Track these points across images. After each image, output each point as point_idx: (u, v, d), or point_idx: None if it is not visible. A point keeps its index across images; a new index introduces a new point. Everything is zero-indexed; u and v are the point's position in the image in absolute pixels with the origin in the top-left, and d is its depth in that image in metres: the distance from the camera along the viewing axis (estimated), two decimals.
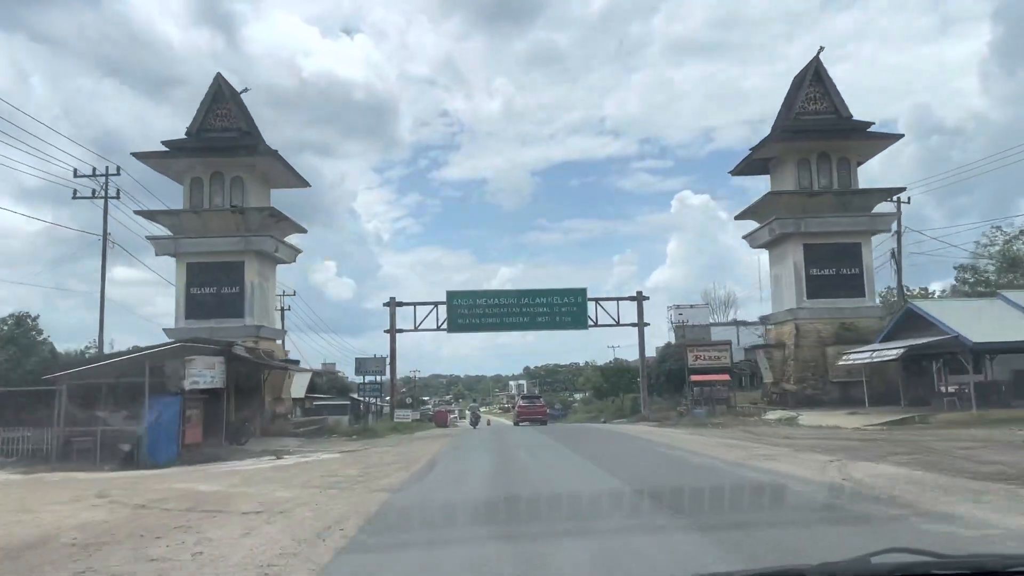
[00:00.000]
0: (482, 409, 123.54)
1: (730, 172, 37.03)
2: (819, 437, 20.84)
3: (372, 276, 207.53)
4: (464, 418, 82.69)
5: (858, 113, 33.03)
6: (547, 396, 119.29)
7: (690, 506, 8.27)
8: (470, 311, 43.26)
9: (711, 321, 75.48)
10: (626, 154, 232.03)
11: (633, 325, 44.42)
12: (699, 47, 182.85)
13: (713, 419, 29.52)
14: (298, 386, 45.03)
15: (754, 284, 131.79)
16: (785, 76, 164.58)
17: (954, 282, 44.83)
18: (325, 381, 62.25)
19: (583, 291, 44.00)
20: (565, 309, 43.34)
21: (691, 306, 77.47)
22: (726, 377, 34.09)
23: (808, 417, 27.17)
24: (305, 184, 36.08)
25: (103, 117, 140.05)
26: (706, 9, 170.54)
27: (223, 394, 24.59)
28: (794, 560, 4.88)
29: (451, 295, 43.46)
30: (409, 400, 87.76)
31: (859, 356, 27.46)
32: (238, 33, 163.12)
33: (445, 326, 43.25)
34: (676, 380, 58.65)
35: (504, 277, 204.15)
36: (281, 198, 35.33)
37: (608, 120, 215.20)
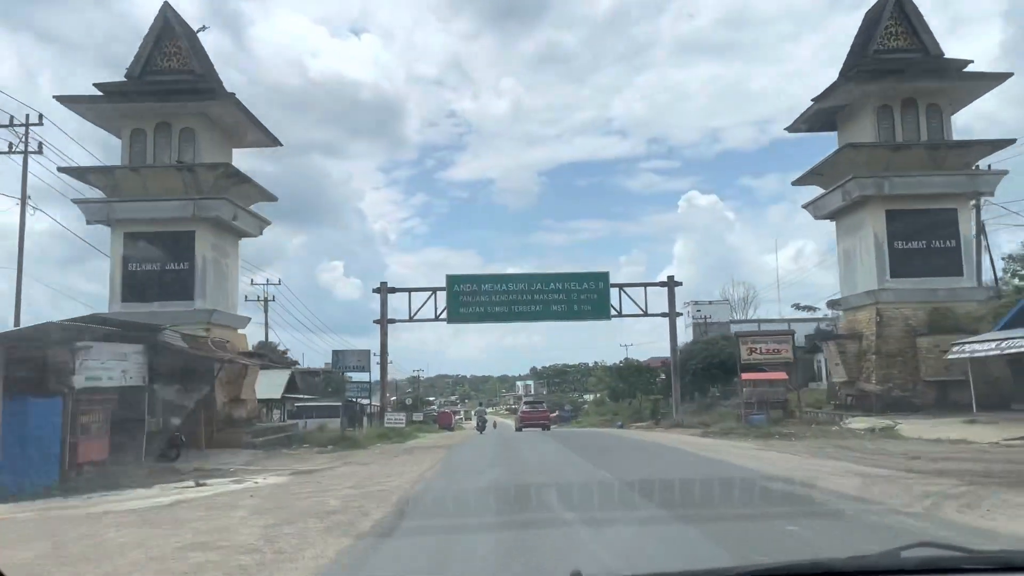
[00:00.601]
0: (489, 410, 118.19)
1: (786, 129, 30.67)
2: (964, 458, 14.65)
3: (379, 276, 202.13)
4: (471, 419, 77.24)
5: None
6: (556, 397, 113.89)
7: None
8: (473, 298, 37.17)
9: (732, 318, 69.72)
10: (633, 154, 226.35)
11: (663, 315, 38.23)
12: (706, 47, 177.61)
13: (780, 428, 23.26)
14: (274, 385, 38.99)
15: (769, 285, 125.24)
16: (793, 77, 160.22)
17: (1001, 273, 38.73)
18: (322, 381, 56.44)
19: (604, 275, 37.83)
20: (584, 296, 37.16)
21: (710, 302, 71.64)
22: (784, 375, 27.78)
23: (909, 426, 20.90)
24: (275, 142, 29.95)
25: None
26: (713, 9, 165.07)
27: (145, 395, 18.60)
28: None
29: (452, 279, 37.33)
30: (409, 401, 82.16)
31: (981, 347, 21.12)
32: (245, 33, 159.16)
33: (445, 316, 37.17)
34: (703, 380, 52.48)
35: None
36: (283, 195, 29.38)
37: (615, 120, 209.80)
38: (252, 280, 50.71)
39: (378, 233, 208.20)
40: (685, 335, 70.15)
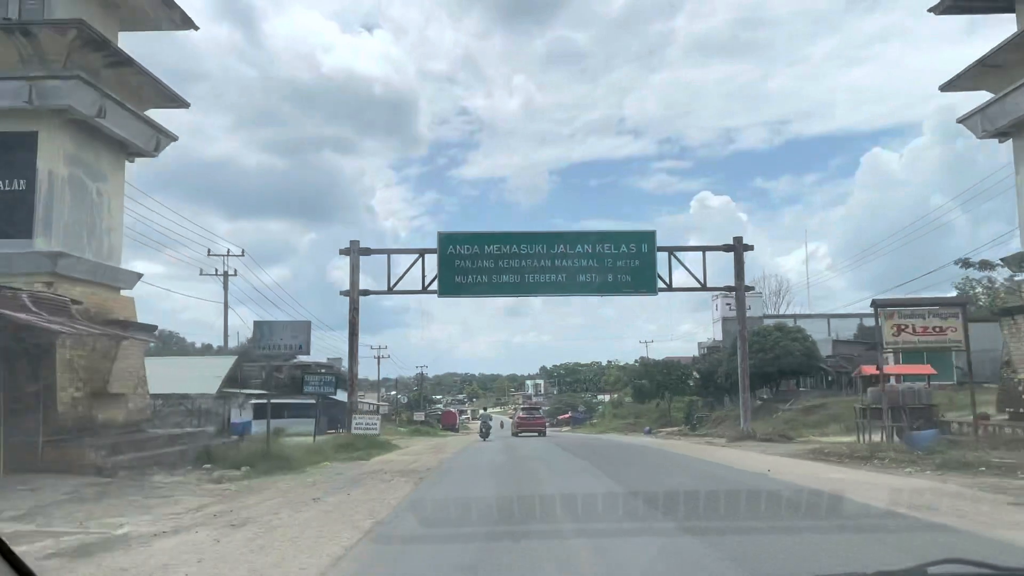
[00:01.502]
0: (497, 410, 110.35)
1: (930, 10, 21.13)
2: None
3: (391, 275, 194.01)
4: (477, 419, 69.89)
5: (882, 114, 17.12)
6: (568, 398, 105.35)
7: None
8: (474, 264, 27.83)
9: (764, 312, 60.32)
10: (645, 154, 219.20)
11: (727, 289, 28.98)
12: (721, 47, 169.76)
13: (974, 452, 13.76)
14: (209, 376, 29.67)
15: (800, 283, 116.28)
16: (807, 78, 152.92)
17: None
18: (318, 378, 47.64)
19: (650, 235, 28.51)
20: (623, 263, 27.82)
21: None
22: (931, 370, 18.32)
23: None
24: (185, 22, 20.26)
25: None
26: (728, 9, 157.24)
27: None
28: None
29: (445, 239, 28.05)
30: (406, 400, 73.45)
31: None
32: (258, 28, 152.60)
33: (435, 287, 27.93)
34: (752, 379, 43.04)
35: None
36: (294, 192, 20.02)
37: (628, 120, 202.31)
38: (209, 251, 41.84)
39: (388, 231, 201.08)
40: (714, 331, 61.00)
